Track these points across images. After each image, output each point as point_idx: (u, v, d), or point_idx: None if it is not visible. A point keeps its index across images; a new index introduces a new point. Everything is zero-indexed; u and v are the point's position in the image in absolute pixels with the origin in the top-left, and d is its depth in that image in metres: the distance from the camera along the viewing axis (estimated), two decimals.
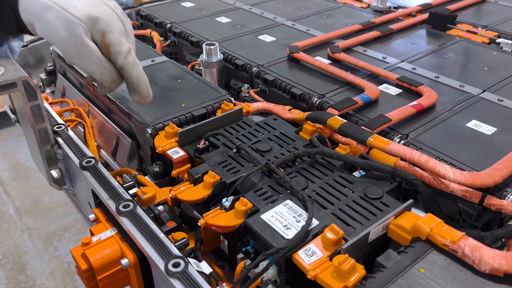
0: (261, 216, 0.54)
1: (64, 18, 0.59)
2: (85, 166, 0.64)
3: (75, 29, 0.59)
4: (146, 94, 0.66)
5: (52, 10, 0.60)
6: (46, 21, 0.60)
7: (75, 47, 0.60)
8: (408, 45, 1.04)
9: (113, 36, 0.61)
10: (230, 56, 0.98)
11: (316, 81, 0.88)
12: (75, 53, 0.61)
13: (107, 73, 0.63)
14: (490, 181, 0.57)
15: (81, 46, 0.60)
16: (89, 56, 0.61)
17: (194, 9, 1.27)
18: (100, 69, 0.62)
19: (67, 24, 0.59)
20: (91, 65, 0.62)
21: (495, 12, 1.24)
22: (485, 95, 0.82)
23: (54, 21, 0.60)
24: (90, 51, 0.61)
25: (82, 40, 0.60)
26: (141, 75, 0.65)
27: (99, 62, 0.62)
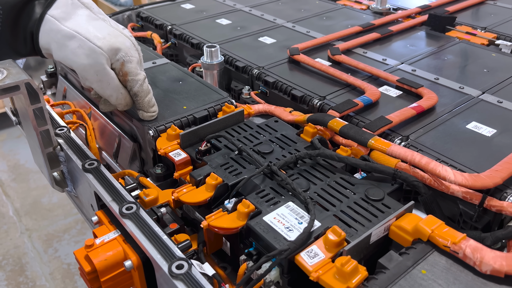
0: (264, 218, 0.55)
1: (87, 47, 0.64)
2: (88, 169, 0.64)
3: (98, 58, 0.65)
4: (155, 114, 0.74)
5: (75, 39, 0.65)
6: (68, 48, 0.65)
7: (95, 74, 0.66)
8: (407, 47, 1.04)
9: (131, 66, 0.68)
10: (231, 58, 0.98)
11: (317, 83, 0.88)
12: (95, 79, 0.66)
13: (123, 98, 0.70)
14: (490, 183, 0.58)
15: (102, 74, 0.66)
16: (108, 83, 0.67)
17: (194, 11, 1.27)
18: (116, 95, 0.69)
19: (89, 53, 0.65)
20: (108, 91, 0.68)
21: (494, 14, 1.24)
22: (484, 97, 0.83)
23: (76, 49, 0.65)
24: (109, 79, 0.67)
25: (103, 69, 0.65)
26: (151, 100, 0.73)
27: (116, 89, 0.68)
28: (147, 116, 0.73)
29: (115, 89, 0.68)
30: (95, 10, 0.70)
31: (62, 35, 0.65)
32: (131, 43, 0.69)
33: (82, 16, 0.67)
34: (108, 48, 0.65)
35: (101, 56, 0.65)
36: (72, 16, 0.66)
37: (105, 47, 0.65)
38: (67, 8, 0.67)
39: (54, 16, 0.66)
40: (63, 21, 0.66)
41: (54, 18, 0.66)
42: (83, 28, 0.65)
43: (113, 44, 0.66)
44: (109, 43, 0.66)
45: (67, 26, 0.65)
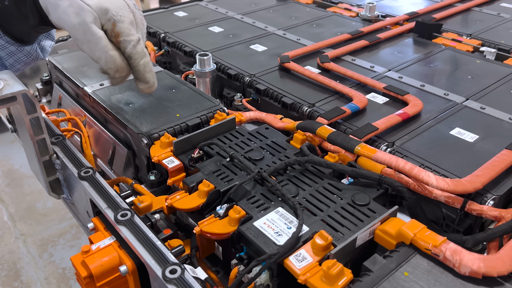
0: (254, 223, 0.57)
1: (76, 5, 0.64)
2: (84, 176, 0.66)
3: (85, 16, 0.63)
4: (152, 82, 0.71)
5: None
6: (60, 8, 0.64)
7: (83, 34, 0.64)
8: (395, 54, 1.07)
9: (123, 25, 0.66)
10: (223, 66, 1.00)
11: (306, 90, 0.91)
12: (83, 39, 0.65)
13: (112, 61, 0.67)
14: (471, 188, 0.60)
15: (89, 33, 0.64)
16: (95, 43, 0.65)
17: (187, 18, 1.29)
18: (105, 56, 0.66)
19: (78, 11, 0.63)
20: (97, 52, 0.66)
21: (479, 21, 1.27)
22: (468, 103, 0.86)
23: (67, 7, 0.64)
24: (96, 38, 0.64)
25: (89, 27, 0.64)
26: (148, 64, 0.70)
27: (104, 50, 0.65)
28: (145, 87, 0.71)
29: (102, 49, 0.65)
30: None
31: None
32: (124, 3, 0.68)
33: None
34: (97, 6, 0.64)
35: (88, 13, 0.63)
36: None
37: (94, 5, 0.63)
38: None
39: None
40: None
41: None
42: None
43: (103, 3, 0.64)
44: (99, 2, 0.64)
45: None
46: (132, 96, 0.85)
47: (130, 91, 0.88)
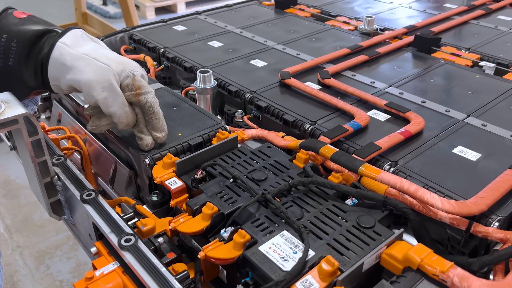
0: (259, 248, 0.56)
1: (94, 65, 0.67)
2: (86, 200, 0.66)
3: (105, 74, 0.67)
4: (166, 130, 0.75)
5: (83, 59, 0.67)
6: (76, 68, 0.67)
7: (101, 90, 0.67)
8: (395, 69, 1.07)
9: (141, 79, 0.70)
10: (224, 82, 1.00)
11: (308, 107, 0.91)
12: (100, 96, 0.67)
13: (125, 116, 0.70)
14: (476, 210, 0.60)
15: (108, 89, 0.67)
16: (113, 99, 0.68)
17: (186, 32, 1.29)
18: (120, 112, 0.69)
19: (96, 69, 0.67)
20: (113, 107, 0.68)
21: (477, 34, 1.28)
22: (469, 120, 0.86)
23: (84, 67, 0.67)
24: (115, 95, 0.68)
25: (110, 84, 0.67)
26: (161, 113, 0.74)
27: (122, 106, 0.69)
28: (162, 135, 0.74)
29: (120, 105, 0.68)
30: (101, 44, 0.74)
31: (71, 57, 0.68)
32: (136, 63, 0.72)
33: (91, 45, 0.70)
34: (116, 65, 0.68)
35: (108, 71, 0.67)
36: (81, 45, 0.70)
37: (112, 65, 0.68)
38: (77, 39, 0.70)
39: (65, 43, 0.69)
40: (73, 47, 0.69)
41: (65, 44, 0.69)
42: (91, 52, 0.68)
43: (120, 63, 0.69)
44: (116, 61, 0.69)
45: (77, 50, 0.68)
46: None
47: None
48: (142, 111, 0.72)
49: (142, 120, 0.73)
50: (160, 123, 0.74)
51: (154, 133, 0.74)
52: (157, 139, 0.75)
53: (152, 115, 0.72)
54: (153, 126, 0.74)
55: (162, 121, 0.74)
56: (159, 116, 0.73)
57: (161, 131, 0.74)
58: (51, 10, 4.38)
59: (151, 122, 0.73)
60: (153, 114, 0.72)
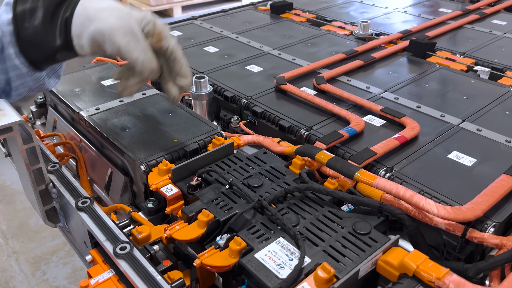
0: (255, 255, 0.56)
1: (117, 13, 0.68)
2: (81, 207, 0.65)
3: (127, 20, 0.67)
4: (191, 76, 0.75)
5: (106, 10, 0.68)
6: (99, 18, 0.68)
7: (123, 35, 0.67)
8: (390, 74, 1.07)
9: (162, 25, 0.71)
10: (220, 87, 1.00)
11: (304, 112, 0.91)
12: (123, 41, 0.67)
13: (149, 61, 0.69)
14: (471, 215, 0.60)
15: (131, 34, 0.67)
16: (135, 45, 0.68)
17: (182, 38, 1.29)
18: (143, 56, 0.68)
19: (118, 16, 0.67)
20: (136, 52, 0.68)
21: (472, 38, 1.29)
22: (464, 125, 0.86)
23: (107, 16, 0.68)
24: (138, 40, 0.68)
25: (132, 29, 0.67)
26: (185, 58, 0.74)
27: (144, 50, 0.68)
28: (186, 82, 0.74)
29: (142, 50, 0.68)
30: None
31: (94, 10, 0.68)
32: None
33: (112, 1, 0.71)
34: (137, 13, 0.70)
35: (129, 17, 0.68)
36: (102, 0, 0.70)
37: (134, 12, 0.69)
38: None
39: None
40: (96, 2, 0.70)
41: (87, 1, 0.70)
42: (113, 4, 0.70)
43: (141, 11, 0.71)
44: (137, 11, 0.70)
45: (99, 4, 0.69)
46: (128, 121, 0.85)
47: (126, 115, 0.87)
48: (165, 59, 0.73)
49: (166, 69, 0.74)
50: (184, 68, 0.74)
51: (178, 81, 0.74)
52: (182, 87, 0.75)
53: (175, 61, 0.73)
54: (177, 72, 0.74)
55: (185, 66, 0.74)
56: (182, 62, 0.73)
57: (185, 77, 0.74)
58: None
59: (174, 68, 0.73)
60: (175, 60, 0.73)
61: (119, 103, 0.92)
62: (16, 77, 0.73)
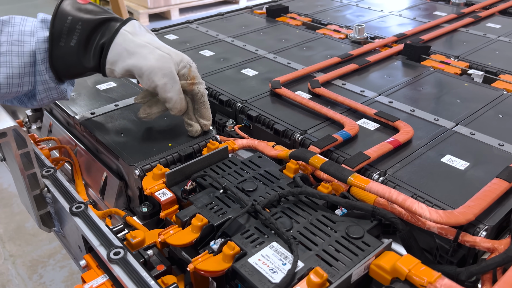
0: (249, 260, 0.57)
1: (157, 54, 0.74)
2: (75, 212, 0.66)
3: (167, 62, 0.74)
4: (211, 118, 0.84)
5: (146, 47, 0.74)
6: (139, 54, 0.74)
7: (162, 76, 0.74)
8: (384, 78, 1.08)
9: (196, 70, 0.78)
10: (215, 91, 1.01)
11: (298, 116, 0.91)
12: (161, 81, 0.74)
13: (180, 102, 0.77)
14: (464, 219, 0.61)
15: (169, 76, 0.74)
16: (171, 85, 0.75)
17: (177, 42, 1.30)
18: (176, 98, 0.76)
19: (159, 57, 0.74)
20: (170, 93, 0.75)
21: (466, 42, 1.30)
22: (458, 129, 0.87)
23: (147, 54, 0.74)
24: (174, 82, 0.75)
25: (171, 71, 0.74)
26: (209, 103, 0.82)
27: (178, 92, 0.76)
28: (208, 123, 0.82)
29: (176, 92, 0.75)
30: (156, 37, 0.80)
31: (134, 44, 0.74)
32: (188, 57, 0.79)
33: (149, 36, 0.77)
34: (175, 55, 0.76)
35: (169, 60, 0.74)
36: (141, 34, 0.76)
37: (172, 55, 0.75)
38: (137, 29, 0.76)
39: (128, 31, 0.75)
40: (135, 36, 0.75)
41: (128, 32, 0.75)
42: (152, 42, 0.75)
43: (178, 54, 0.77)
44: (175, 53, 0.77)
45: (139, 39, 0.75)
46: (123, 126, 0.85)
47: (121, 120, 0.87)
48: (192, 100, 0.80)
49: (191, 108, 0.80)
50: (208, 112, 0.81)
51: (201, 121, 0.81)
52: (204, 126, 0.82)
53: (202, 104, 0.80)
54: (201, 114, 0.81)
55: (209, 110, 0.82)
56: (207, 106, 0.81)
57: (208, 119, 0.82)
58: None
59: (199, 110, 0.80)
60: (203, 103, 0.80)
61: (114, 107, 0.92)
62: (43, 90, 0.77)
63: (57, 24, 0.73)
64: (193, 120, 0.81)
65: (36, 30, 0.73)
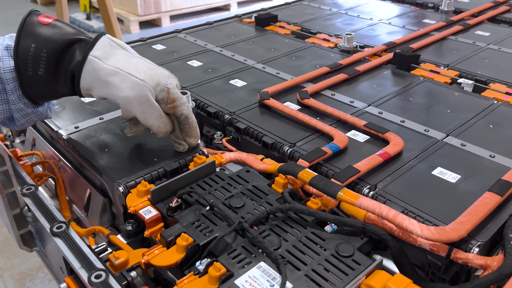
0: (235, 282, 0.55)
1: (130, 81, 0.69)
2: (56, 232, 0.63)
3: (141, 91, 0.69)
4: (199, 135, 0.80)
5: (117, 75, 0.69)
6: (112, 84, 0.69)
7: (139, 106, 0.70)
8: (374, 87, 1.07)
9: (175, 91, 0.73)
10: (202, 103, 0.99)
11: (287, 128, 0.90)
12: (138, 111, 0.70)
13: (164, 126, 0.74)
14: (455, 236, 0.59)
15: (145, 105, 0.70)
16: (151, 113, 0.71)
17: (165, 52, 1.28)
18: (158, 123, 0.73)
19: (133, 86, 0.69)
20: (151, 120, 0.72)
21: (456, 50, 1.29)
22: (448, 140, 0.85)
23: (120, 84, 0.69)
24: (153, 109, 0.71)
25: (147, 99, 0.69)
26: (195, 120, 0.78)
27: (159, 118, 0.72)
28: (195, 141, 0.79)
29: (157, 118, 0.72)
30: (130, 50, 0.75)
31: (105, 73, 0.69)
32: (168, 72, 0.74)
33: (121, 55, 0.72)
34: (150, 79, 0.70)
35: (144, 88, 0.69)
36: (111, 56, 0.71)
37: (147, 79, 0.69)
38: (106, 49, 0.71)
39: (96, 56, 0.70)
40: (105, 60, 0.70)
41: (96, 58, 0.70)
42: (123, 65, 0.70)
43: (154, 76, 0.71)
44: (150, 75, 0.70)
45: (109, 64, 0.70)
46: (108, 140, 0.83)
47: (106, 134, 0.85)
48: (177, 121, 0.76)
49: (177, 127, 0.77)
50: (194, 130, 0.78)
51: (188, 140, 0.79)
52: (190, 144, 0.79)
53: (187, 124, 0.76)
54: (187, 134, 0.78)
55: (195, 128, 0.78)
56: (193, 125, 0.77)
57: (194, 137, 0.79)
58: None
59: (185, 130, 0.77)
60: (188, 124, 0.76)
61: (99, 120, 0.90)
62: (21, 116, 0.74)
63: (21, 54, 0.68)
64: (180, 139, 0.78)
65: (2, 58, 0.69)
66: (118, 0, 4.27)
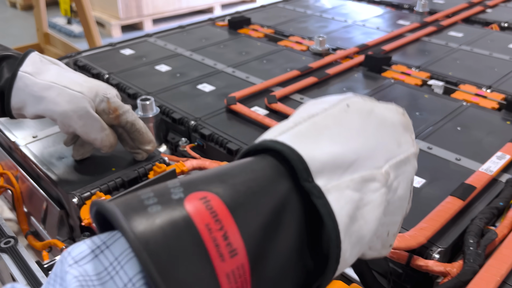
0: None
1: (66, 94, 0.65)
2: (3, 248, 0.61)
3: (80, 103, 0.65)
4: (154, 140, 0.76)
5: (53, 89, 0.65)
6: (47, 99, 0.65)
7: (78, 119, 0.66)
8: (344, 91, 1.06)
9: (116, 100, 0.70)
10: (168, 109, 0.97)
11: (254, 134, 0.88)
12: (78, 124, 0.66)
13: (107, 139, 0.70)
14: (415, 243, 0.58)
15: (86, 117, 0.66)
16: (92, 126, 0.67)
17: (133, 57, 1.25)
18: (101, 136, 0.69)
19: (70, 99, 0.65)
20: (93, 134, 0.68)
21: (428, 51, 1.29)
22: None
23: (56, 97, 0.65)
24: (94, 121, 0.67)
25: (87, 112, 0.66)
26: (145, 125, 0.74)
27: (101, 130, 0.68)
28: (152, 145, 0.75)
29: (98, 130, 0.68)
30: (62, 65, 0.71)
31: (38, 88, 0.65)
32: (106, 84, 0.71)
33: (54, 70, 0.68)
34: (88, 91, 0.67)
35: (82, 100, 0.65)
36: (44, 71, 0.67)
37: (84, 91, 0.66)
38: (37, 65, 0.67)
39: (27, 71, 0.66)
40: (37, 75, 0.66)
41: (28, 74, 0.66)
42: (58, 79, 0.66)
43: (92, 87, 0.67)
44: (88, 87, 0.67)
45: (42, 79, 0.66)
46: (66, 150, 0.80)
47: None
48: (125, 130, 0.73)
49: (127, 138, 0.74)
50: (145, 136, 0.74)
51: (142, 147, 0.75)
52: (147, 151, 0.76)
53: (136, 132, 0.73)
54: (139, 141, 0.74)
55: (147, 134, 0.74)
56: (142, 131, 0.73)
57: (148, 143, 0.75)
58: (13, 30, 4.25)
59: (136, 138, 0.73)
60: (137, 131, 0.73)
61: (58, 129, 0.87)
62: None
63: None
64: (134, 148, 0.75)
65: None
66: (99, 4, 4.23)
